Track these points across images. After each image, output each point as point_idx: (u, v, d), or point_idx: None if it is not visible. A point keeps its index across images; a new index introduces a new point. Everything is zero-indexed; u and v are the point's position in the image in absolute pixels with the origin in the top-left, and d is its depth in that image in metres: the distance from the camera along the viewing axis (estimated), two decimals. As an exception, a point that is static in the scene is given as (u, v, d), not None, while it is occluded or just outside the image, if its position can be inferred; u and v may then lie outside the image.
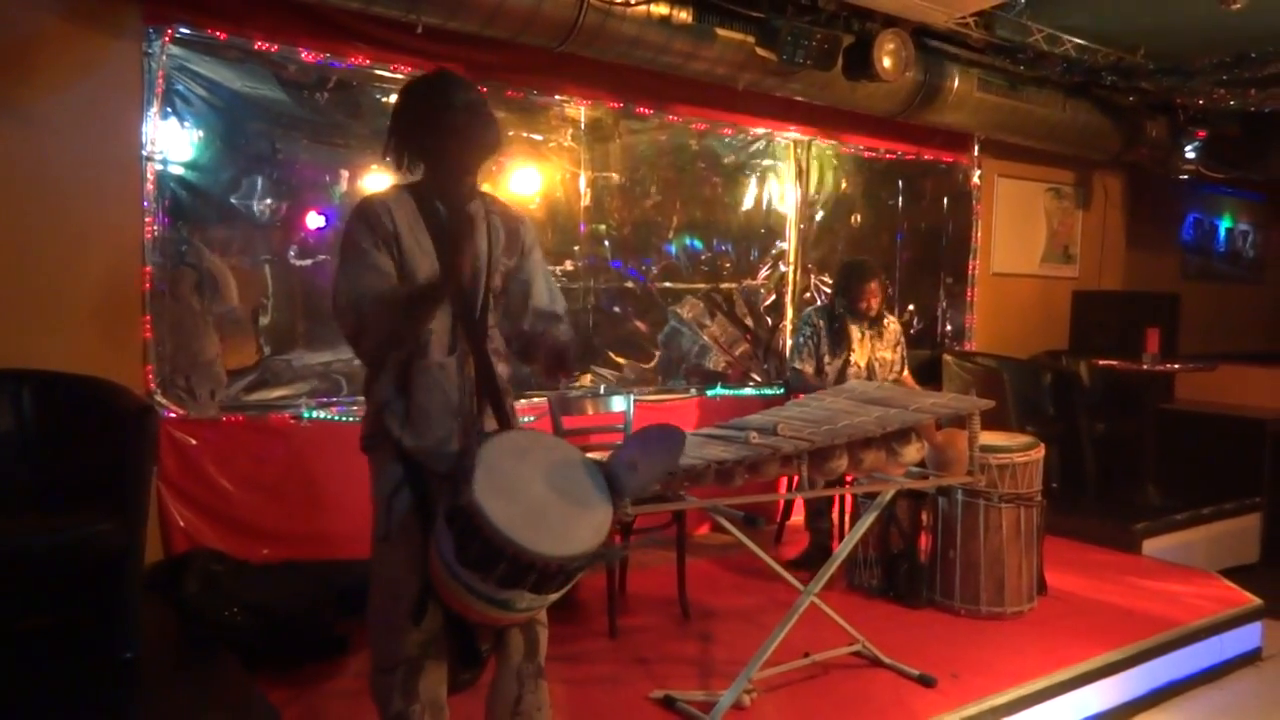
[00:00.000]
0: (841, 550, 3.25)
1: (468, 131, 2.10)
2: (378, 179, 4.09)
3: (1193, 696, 3.67)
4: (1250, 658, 4.01)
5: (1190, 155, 6.36)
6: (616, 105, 4.70)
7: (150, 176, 3.54)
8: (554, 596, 1.96)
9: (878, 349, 4.40)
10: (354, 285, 2.04)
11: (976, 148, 6.16)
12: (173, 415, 3.60)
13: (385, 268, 2.05)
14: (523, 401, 4.42)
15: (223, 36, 3.65)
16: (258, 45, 3.72)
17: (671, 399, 4.97)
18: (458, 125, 2.10)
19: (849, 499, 4.34)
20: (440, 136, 2.11)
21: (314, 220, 3.94)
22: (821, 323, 4.38)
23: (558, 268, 4.59)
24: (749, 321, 5.33)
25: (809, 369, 4.33)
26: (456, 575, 1.89)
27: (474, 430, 2.13)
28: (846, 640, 3.28)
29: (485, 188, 2.27)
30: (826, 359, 4.34)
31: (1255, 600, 4.08)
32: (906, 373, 4.52)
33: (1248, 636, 4.00)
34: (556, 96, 4.52)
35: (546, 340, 2.23)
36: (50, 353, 3.24)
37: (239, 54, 3.70)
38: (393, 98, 4.01)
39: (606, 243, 4.79)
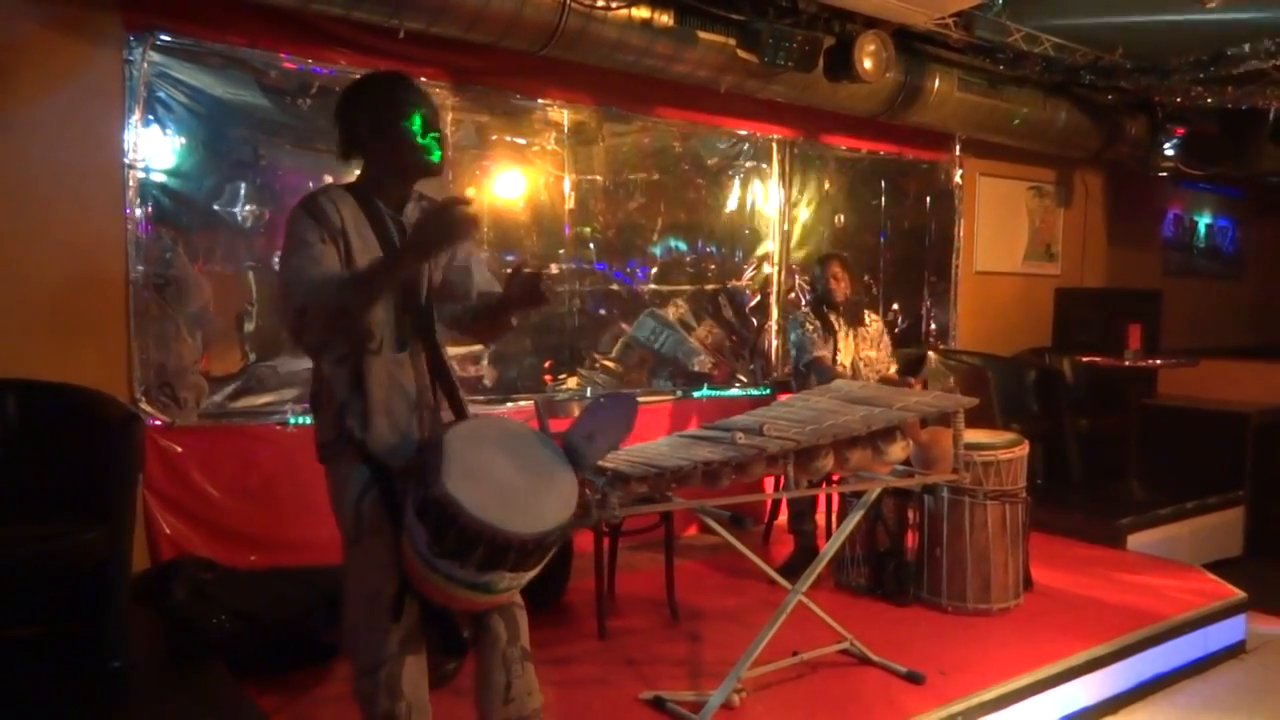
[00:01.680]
0: (828, 549, 3.26)
1: (422, 144, 2.12)
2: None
3: (1178, 690, 3.70)
4: (1234, 651, 4.04)
5: (1169, 153, 6.42)
6: (600, 108, 4.71)
7: (132, 184, 3.53)
8: (532, 573, 2.00)
9: (861, 348, 4.42)
10: (299, 276, 2.01)
11: (958, 147, 6.20)
12: (157, 423, 3.59)
13: (331, 261, 2.04)
14: (509, 405, 4.43)
15: (205, 43, 3.64)
16: (240, 51, 3.71)
17: (656, 400, 4.97)
18: (410, 139, 2.11)
19: (835, 498, 4.35)
20: (392, 145, 2.12)
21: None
22: (815, 323, 4.39)
23: (542, 271, 4.59)
24: (734, 322, 5.35)
25: (828, 356, 4.31)
26: (435, 567, 1.91)
27: (433, 421, 2.16)
28: (835, 639, 3.30)
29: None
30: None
31: (1239, 593, 4.12)
32: (894, 369, 4.53)
33: (1232, 630, 4.03)
34: (539, 100, 4.52)
35: (489, 300, 2.25)
36: (33, 361, 3.23)
37: (221, 60, 3.69)
38: None
39: (591, 245, 4.80)
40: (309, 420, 3.88)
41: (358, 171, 2.22)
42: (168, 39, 3.57)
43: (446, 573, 1.91)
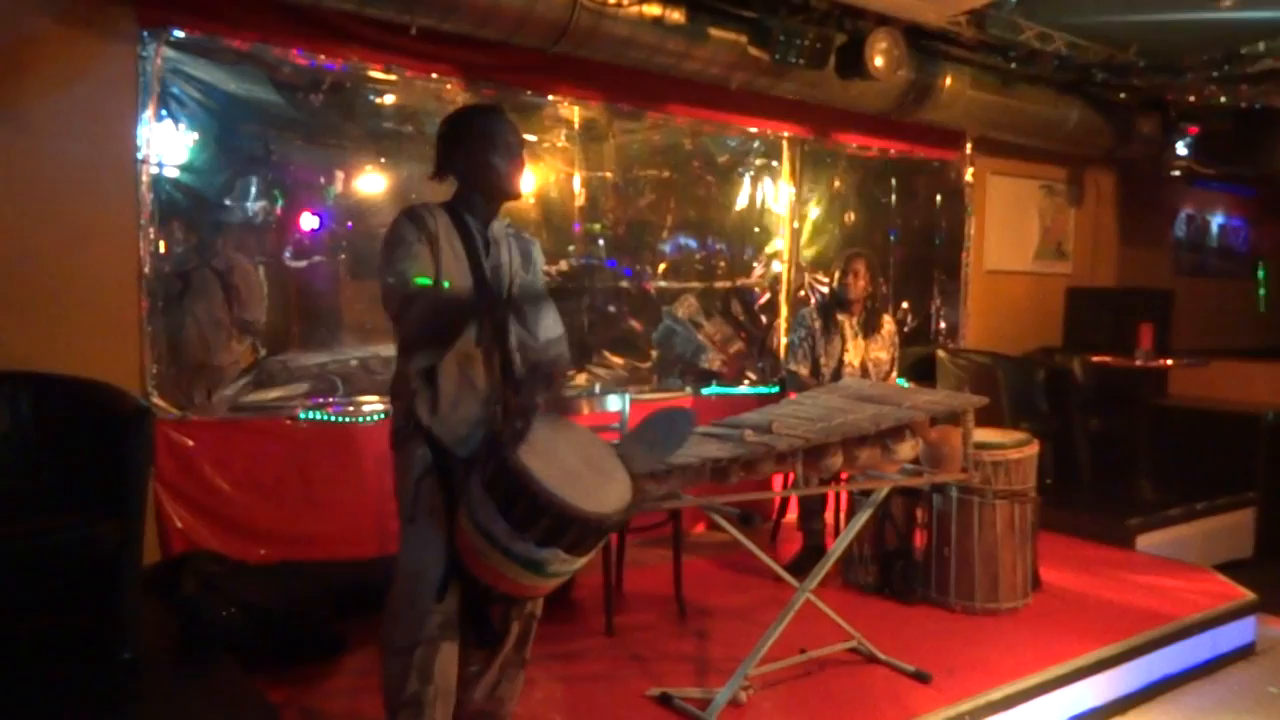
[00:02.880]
0: (837, 547, 3.26)
1: (507, 171, 2.36)
2: (372, 180, 4.11)
3: (1187, 691, 3.69)
4: (1244, 652, 4.02)
5: (1182, 151, 6.38)
6: (611, 106, 4.70)
7: (145, 179, 3.55)
8: (581, 562, 2.16)
9: (872, 349, 4.38)
10: (399, 268, 2.22)
11: (969, 145, 6.17)
12: (169, 417, 3.61)
13: (425, 261, 2.25)
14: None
15: (218, 39, 3.65)
16: (252, 47, 3.72)
17: (667, 398, 4.97)
18: (499, 164, 2.35)
19: (844, 498, 4.35)
20: (482, 169, 2.35)
21: (308, 221, 3.95)
22: (816, 323, 4.33)
23: (553, 268, 4.61)
24: (744, 320, 5.35)
25: (804, 371, 4.30)
26: (494, 540, 2.04)
27: (500, 415, 2.30)
28: (842, 637, 3.30)
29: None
30: (822, 359, 4.31)
31: (1249, 595, 4.10)
32: (893, 376, 4.48)
33: (1241, 631, 4.01)
34: (550, 97, 4.52)
35: (548, 360, 2.44)
36: (47, 355, 3.24)
37: (233, 56, 3.71)
38: (387, 99, 4.11)
39: (601, 242, 4.80)
40: (319, 415, 3.93)
41: (452, 190, 2.42)
42: (181, 35, 3.58)
43: (505, 546, 2.04)
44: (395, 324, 2.30)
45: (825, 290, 5.41)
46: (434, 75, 4.12)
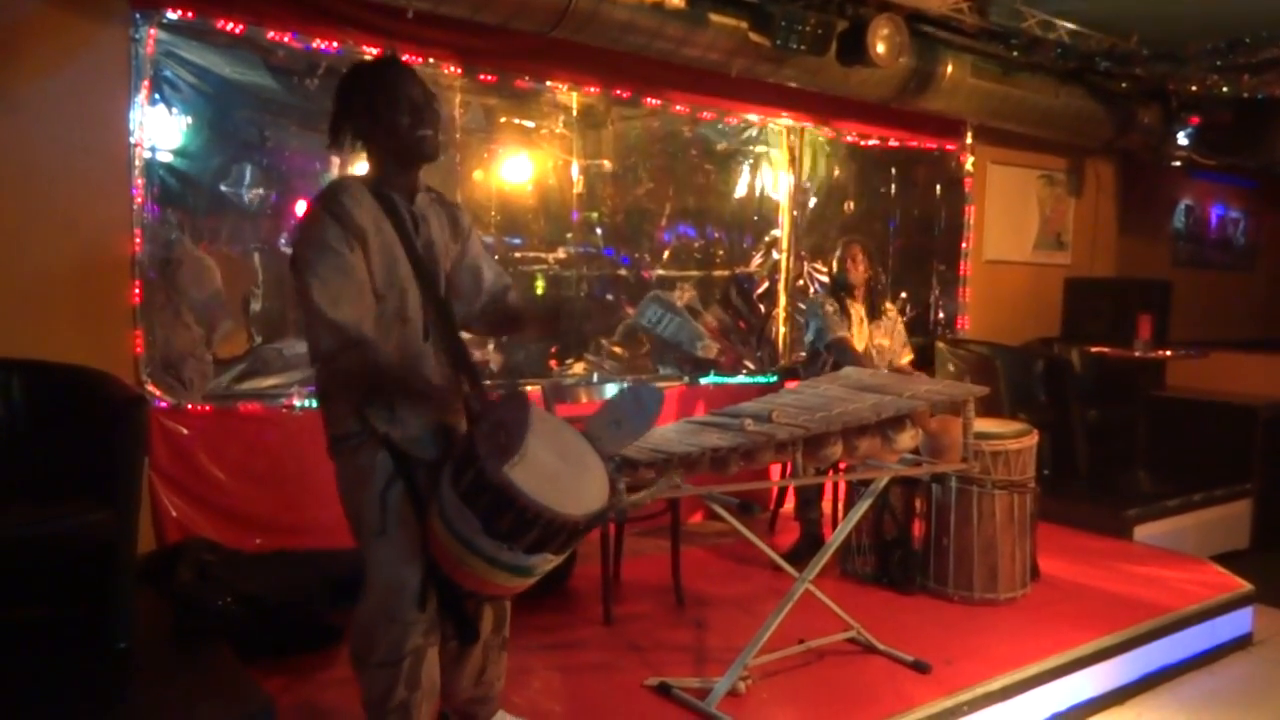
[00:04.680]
0: (836, 537, 3.25)
1: (419, 130, 2.13)
2: (367, 166, 4.06)
3: (1184, 682, 3.69)
4: (1241, 643, 4.02)
5: (1183, 142, 6.35)
6: (609, 92, 4.67)
7: (138, 164, 3.51)
8: (564, 555, 2.10)
9: (875, 336, 4.37)
10: (336, 303, 2.00)
11: (969, 134, 6.14)
12: (163, 405, 3.58)
13: (360, 275, 2.05)
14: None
15: (211, 21, 3.60)
16: (246, 30, 3.68)
17: (664, 386, 4.95)
18: (406, 122, 2.12)
19: (841, 487, 4.34)
20: (392, 132, 2.13)
21: (303, 208, 3.91)
22: (831, 305, 4.31)
23: (550, 255, 4.58)
24: (743, 309, 5.32)
25: (851, 337, 4.24)
26: (479, 550, 1.97)
27: (461, 411, 2.20)
28: (841, 627, 3.29)
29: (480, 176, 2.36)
30: None
31: (1246, 585, 4.10)
32: (907, 359, 4.49)
33: (1239, 622, 4.02)
34: (548, 83, 4.48)
35: (509, 309, 2.36)
36: (38, 342, 3.21)
37: (227, 39, 3.66)
38: None
39: (599, 230, 4.77)
40: (315, 403, 3.89)
41: (365, 164, 2.24)
42: (174, 17, 3.53)
43: (490, 556, 1.97)
44: (322, 356, 2.06)
45: (824, 279, 5.39)
46: (431, 60, 4.08)
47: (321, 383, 2.20)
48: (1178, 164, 6.67)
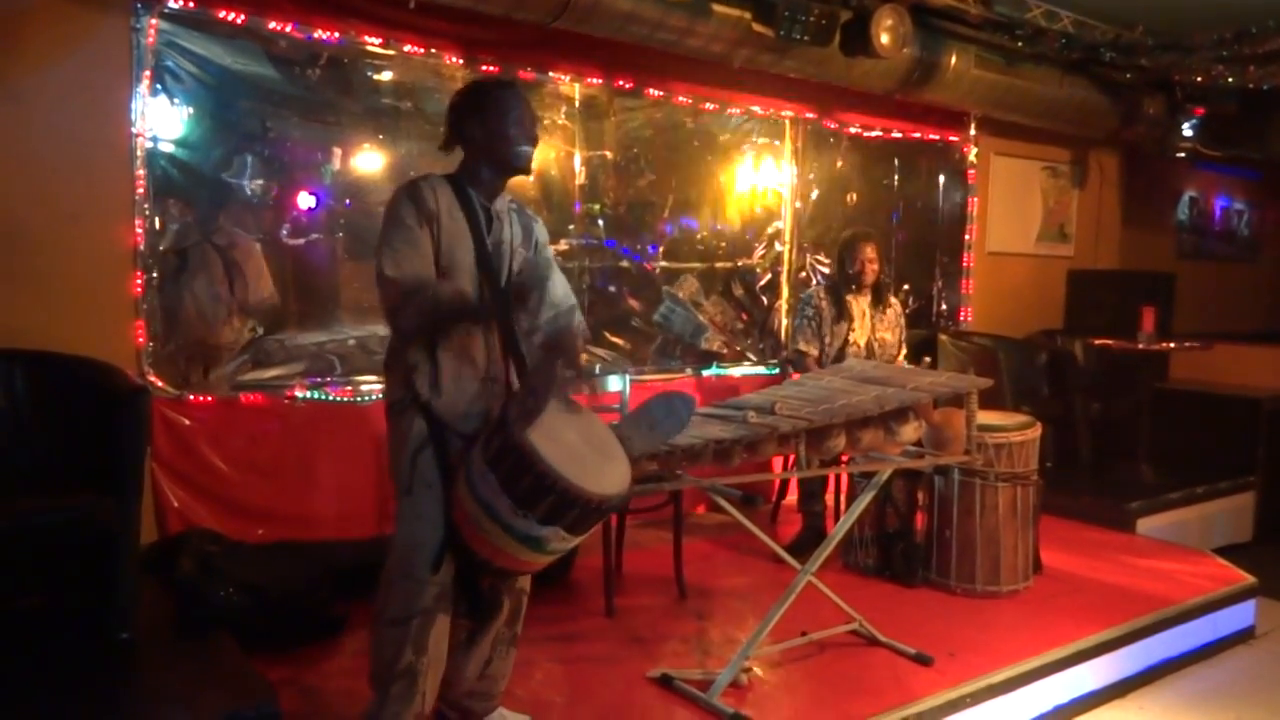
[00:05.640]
0: (838, 530, 3.24)
1: (522, 145, 2.33)
2: (370, 158, 4.06)
3: (1187, 674, 3.69)
4: (1244, 636, 4.03)
5: (1188, 133, 6.31)
6: (611, 83, 4.65)
7: (140, 154, 3.50)
8: (578, 541, 2.18)
9: (878, 329, 4.34)
10: (399, 264, 2.19)
11: (973, 126, 6.12)
12: (166, 396, 3.58)
13: (426, 248, 2.23)
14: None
15: (212, 11, 3.59)
16: (247, 20, 3.66)
17: (667, 379, 4.94)
18: (516, 137, 2.32)
19: (844, 479, 4.33)
20: (497, 141, 2.32)
21: (305, 199, 3.91)
22: (824, 302, 4.27)
23: (553, 247, 4.54)
24: (745, 301, 5.31)
25: (813, 352, 4.23)
26: (496, 514, 2.06)
27: (502, 394, 2.32)
28: (843, 619, 3.29)
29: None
30: (827, 339, 4.27)
31: (1249, 579, 4.11)
32: (901, 358, 4.46)
33: (1241, 615, 4.02)
34: (550, 74, 4.47)
35: (559, 330, 2.40)
36: (41, 332, 3.21)
37: (228, 29, 3.65)
38: (385, 74, 4.06)
39: (601, 222, 4.76)
40: (317, 395, 3.89)
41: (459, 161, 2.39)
42: (175, 7, 3.51)
43: (506, 521, 2.06)
44: (388, 313, 2.27)
45: (826, 271, 5.38)
46: (433, 51, 4.06)
47: (387, 355, 2.38)
48: (1182, 155, 6.63)
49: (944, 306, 6.28)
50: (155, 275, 3.56)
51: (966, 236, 6.29)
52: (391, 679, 2.26)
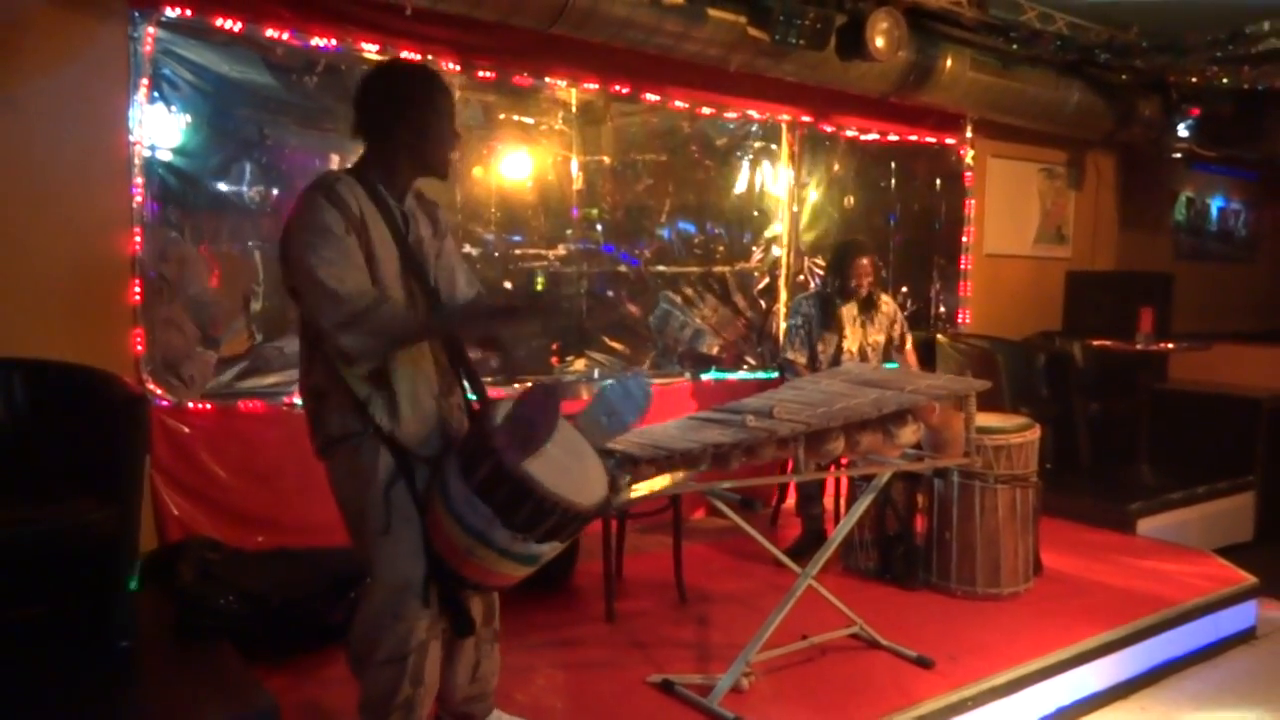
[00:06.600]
0: (838, 533, 3.24)
1: (449, 148, 2.19)
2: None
3: (1188, 675, 3.69)
4: (1245, 636, 4.02)
5: (1183, 134, 6.33)
6: (608, 88, 4.65)
7: (138, 162, 3.50)
8: (567, 543, 2.15)
9: (870, 334, 4.36)
10: (341, 279, 2.01)
11: (969, 128, 6.13)
12: (164, 403, 3.58)
13: (359, 259, 2.06)
14: (515, 386, 4.40)
15: (209, 19, 3.59)
16: (244, 28, 3.67)
17: (665, 382, 4.94)
18: (447, 139, 2.18)
19: (843, 482, 4.33)
20: (427, 142, 2.15)
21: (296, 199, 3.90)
22: (812, 310, 4.31)
23: (550, 252, 4.57)
24: (742, 305, 5.31)
25: (801, 359, 4.27)
26: (492, 543, 2.00)
27: (459, 406, 2.24)
28: (844, 622, 3.28)
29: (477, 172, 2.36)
30: (819, 346, 4.29)
31: (1250, 579, 4.10)
32: (909, 348, 4.48)
33: (1242, 615, 4.01)
34: (547, 79, 4.47)
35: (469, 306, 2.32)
36: (39, 341, 3.20)
37: (225, 37, 3.65)
38: None
39: (599, 227, 4.76)
40: (304, 405, 3.88)
41: (358, 155, 2.23)
42: (172, 15, 3.52)
43: (503, 548, 2.01)
44: (330, 332, 2.02)
45: (821, 276, 5.38)
46: (429, 57, 4.07)
47: (316, 381, 2.15)
48: (1178, 156, 6.66)
49: (942, 309, 6.28)
50: (153, 283, 3.55)
51: (964, 239, 6.30)
52: (389, 712, 2.17)
